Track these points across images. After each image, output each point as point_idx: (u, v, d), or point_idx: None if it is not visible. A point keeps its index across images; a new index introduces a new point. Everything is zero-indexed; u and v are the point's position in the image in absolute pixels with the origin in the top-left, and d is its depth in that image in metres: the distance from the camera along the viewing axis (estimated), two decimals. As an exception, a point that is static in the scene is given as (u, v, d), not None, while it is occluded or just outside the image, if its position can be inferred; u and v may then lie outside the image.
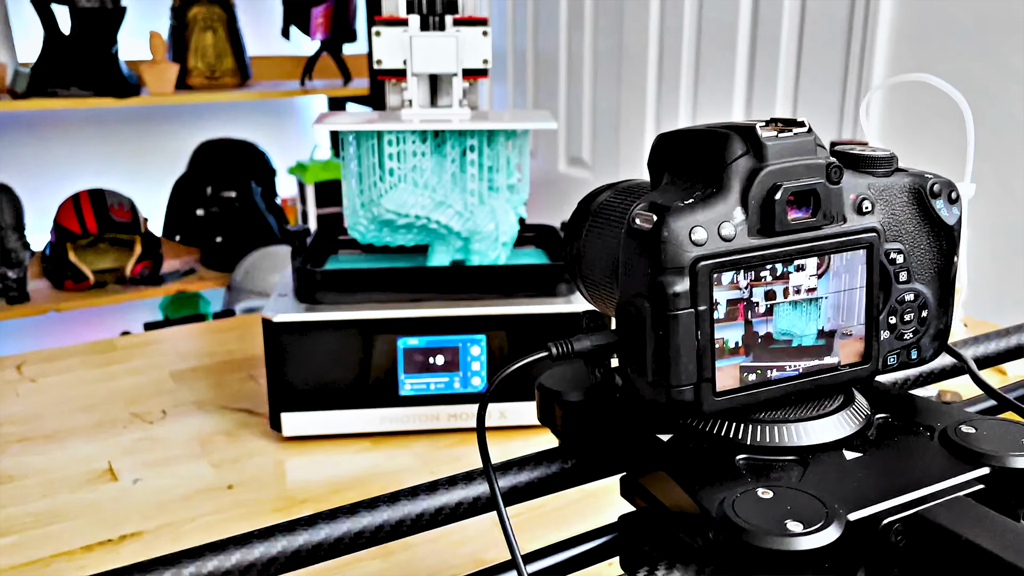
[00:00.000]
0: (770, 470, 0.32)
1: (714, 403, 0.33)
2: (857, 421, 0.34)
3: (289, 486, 0.71)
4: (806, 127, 0.33)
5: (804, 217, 0.33)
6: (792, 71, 1.40)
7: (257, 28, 2.45)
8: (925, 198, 0.35)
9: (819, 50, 1.34)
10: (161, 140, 2.43)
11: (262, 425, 0.80)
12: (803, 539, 0.27)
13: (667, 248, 0.31)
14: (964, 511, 0.29)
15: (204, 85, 2.27)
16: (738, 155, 0.32)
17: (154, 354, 0.98)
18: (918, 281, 0.35)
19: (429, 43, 0.78)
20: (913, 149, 1.18)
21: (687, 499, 0.31)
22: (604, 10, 1.78)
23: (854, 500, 0.30)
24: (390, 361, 0.76)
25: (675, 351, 0.32)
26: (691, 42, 1.59)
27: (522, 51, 2.06)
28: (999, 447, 0.32)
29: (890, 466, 0.32)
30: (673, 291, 0.31)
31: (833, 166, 0.33)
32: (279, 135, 2.59)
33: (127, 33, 2.13)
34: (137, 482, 0.70)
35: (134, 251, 2.19)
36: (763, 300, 0.33)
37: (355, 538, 0.34)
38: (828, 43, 1.32)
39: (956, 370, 0.44)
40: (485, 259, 0.82)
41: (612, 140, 1.82)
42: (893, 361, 0.36)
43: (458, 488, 0.36)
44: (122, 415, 0.82)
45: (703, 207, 0.32)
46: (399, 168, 0.77)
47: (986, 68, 1.10)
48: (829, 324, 0.34)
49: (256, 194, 2.38)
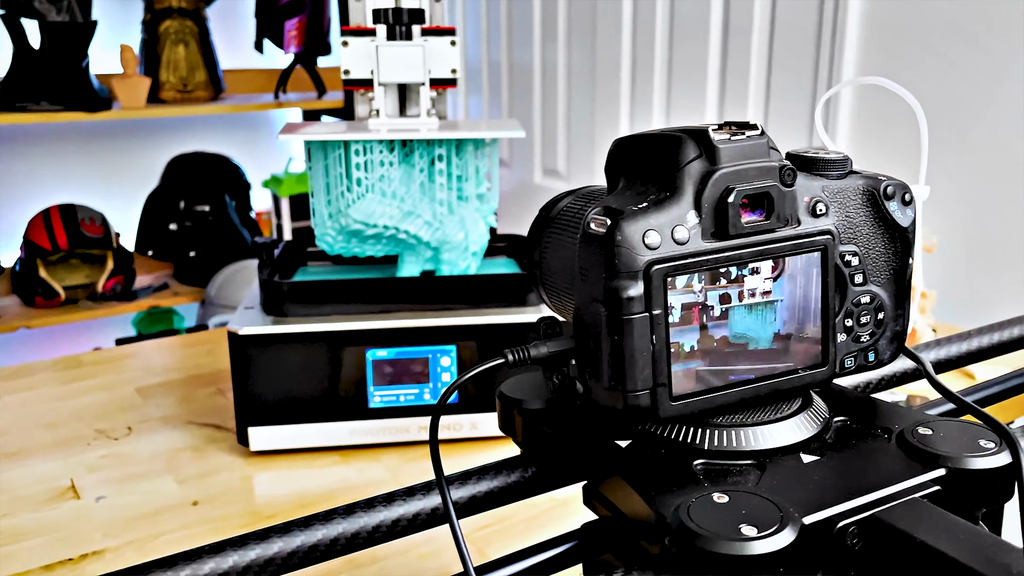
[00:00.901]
0: (727, 475, 0.32)
1: (670, 408, 0.32)
2: (815, 424, 0.34)
3: (256, 501, 0.70)
4: (759, 130, 0.33)
5: (758, 220, 0.33)
6: (763, 80, 1.41)
7: (230, 41, 2.44)
8: (879, 200, 0.35)
9: (789, 61, 1.35)
10: (133, 154, 2.41)
11: (230, 440, 0.79)
12: (757, 543, 0.27)
13: (621, 252, 0.31)
14: (919, 513, 0.29)
15: (176, 99, 2.25)
16: (691, 158, 0.32)
17: (121, 370, 0.97)
18: (874, 283, 0.35)
19: (396, 53, 0.78)
20: (882, 152, 1.20)
21: (644, 506, 0.31)
22: (577, 22, 1.79)
23: (810, 503, 0.29)
24: (359, 373, 0.76)
25: (630, 356, 0.31)
26: (663, 53, 1.60)
27: (497, 62, 2.07)
28: (955, 448, 0.32)
29: (847, 469, 0.32)
30: (627, 295, 0.31)
31: (786, 169, 0.33)
32: (253, 148, 2.58)
33: (98, 47, 2.12)
34: (100, 499, 0.69)
35: (106, 267, 2.16)
36: (718, 304, 0.33)
37: (310, 551, 0.34)
38: (797, 54, 1.33)
39: (917, 374, 0.44)
40: (455, 269, 0.81)
41: (587, 150, 1.82)
42: (850, 364, 0.36)
43: (416, 499, 0.36)
44: (86, 432, 0.81)
45: (656, 211, 0.32)
46: (367, 178, 0.77)
47: (955, 72, 1.12)
48: (785, 327, 0.34)
49: (230, 208, 2.36)
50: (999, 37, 1.07)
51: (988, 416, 0.32)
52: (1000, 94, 1.07)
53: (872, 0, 1.21)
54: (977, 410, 0.33)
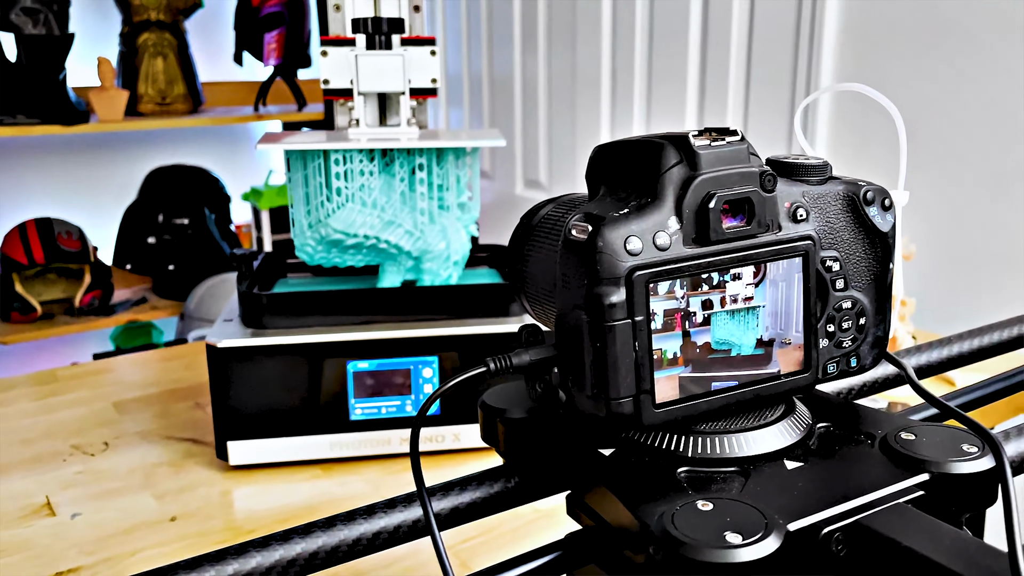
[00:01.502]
0: (711, 482, 0.32)
1: (654, 415, 0.32)
2: (798, 430, 0.34)
3: (236, 516, 0.69)
4: (739, 136, 0.33)
5: (739, 225, 0.33)
6: (742, 88, 1.42)
7: (209, 54, 2.43)
8: (859, 205, 0.35)
9: (768, 69, 1.36)
10: (111, 167, 2.39)
11: (208, 455, 0.77)
12: (742, 551, 0.27)
13: (602, 258, 0.31)
14: (904, 518, 0.29)
15: (155, 112, 2.24)
16: (672, 164, 0.32)
17: (97, 384, 0.95)
18: (855, 288, 0.35)
19: (375, 62, 0.78)
20: (861, 158, 1.20)
21: (628, 515, 0.30)
22: (557, 33, 1.79)
23: (794, 510, 0.29)
24: (340, 385, 0.75)
25: (613, 363, 0.31)
26: (643, 63, 1.61)
27: (477, 74, 2.07)
28: (939, 453, 0.32)
29: (831, 475, 0.32)
30: (609, 301, 0.31)
31: (767, 174, 0.33)
32: (233, 161, 2.57)
33: (75, 60, 2.10)
34: (75, 516, 0.68)
35: (83, 281, 2.14)
36: (700, 310, 0.32)
37: (289, 565, 0.33)
38: (776, 62, 1.34)
39: (899, 380, 0.44)
40: (436, 278, 0.81)
41: (568, 161, 1.83)
42: (833, 369, 0.36)
43: (397, 511, 0.35)
44: (62, 448, 0.79)
45: (638, 217, 0.32)
46: (347, 187, 0.76)
47: (932, 78, 1.13)
48: (767, 333, 0.34)
49: (210, 221, 2.34)
50: (977, 43, 1.08)
51: (971, 420, 0.32)
52: (978, 101, 1.09)
53: (849, 6, 1.22)
54: (960, 414, 0.33)
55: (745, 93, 1.41)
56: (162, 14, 2.21)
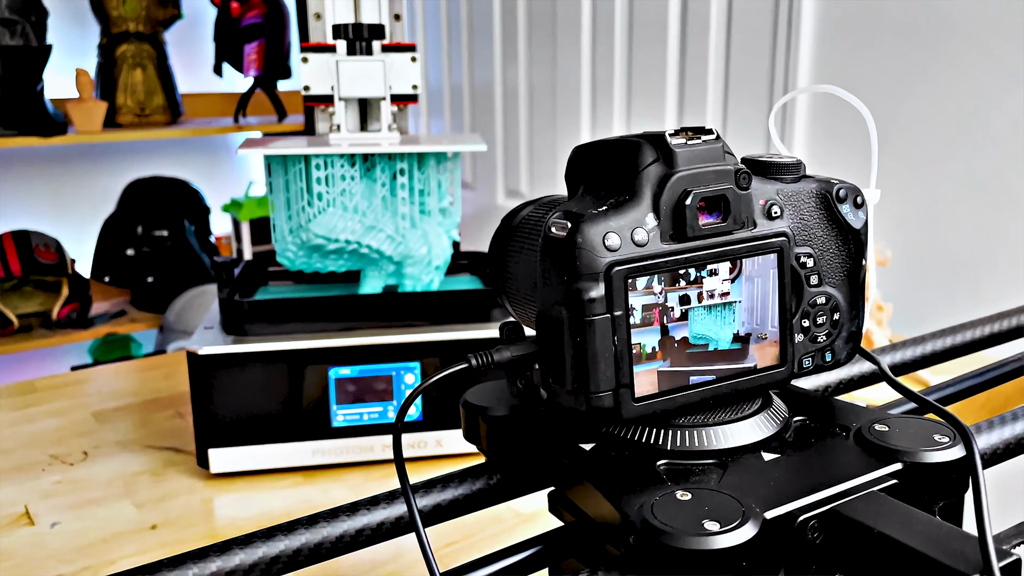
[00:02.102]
0: (690, 474, 0.32)
1: (633, 409, 0.33)
2: (775, 423, 0.35)
3: (217, 524, 0.69)
4: (714, 134, 0.34)
5: (715, 222, 0.33)
6: (720, 92, 1.44)
7: (188, 65, 2.42)
8: (832, 203, 0.36)
9: (745, 74, 1.38)
10: (89, 179, 2.38)
11: (189, 463, 0.77)
12: (720, 538, 0.27)
13: (582, 254, 0.31)
14: (878, 506, 0.29)
15: (134, 123, 2.23)
16: (649, 162, 0.33)
17: (76, 395, 0.95)
18: (828, 284, 0.36)
19: (356, 68, 0.78)
20: (838, 158, 1.22)
21: (609, 507, 0.31)
22: (538, 43, 1.80)
23: (771, 499, 0.30)
24: (321, 392, 0.75)
25: (593, 357, 0.32)
26: (622, 72, 1.62)
27: (458, 84, 2.08)
28: (911, 443, 0.32)
29: (807, 465, 0.32)
30: (589, 296, 0.31)
31: (742, 172, 0.34)
32: (212, 173, 2.56)
33: (53, 71, 2.09)
34: (55, 526, 0.67)
35: (61, 293, 2.12)
36: (678, 305, 0.33)
37: (272, 563, 0.33)
38: (753, 67, 1.36)
39: (874, 377, 0.45)
40: (418, 283, 0.81)
41: (549, 171, 1.84)
42: (808, 364, 0.36)
43: (380, 508, 0.36)
44: (40, 458, 0.79)
45: (616, 214, 0.32)
46: (328, 192, 0.76)
47: (910, 80, 1.15)
48: (744, 328, 0.34)
49: (189, 232, 2.33)
50: (952, 44, 1.10)
51: (944, 410, 0.33)
52: (952, 102, 1.11)
53: (825, 8, 1.24)
54: (933, 404, 0.33)
55: (723, 98, 1.43)
56: (141, 25, 2.21)
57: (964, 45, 1.08)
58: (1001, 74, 1.05)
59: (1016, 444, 0.36)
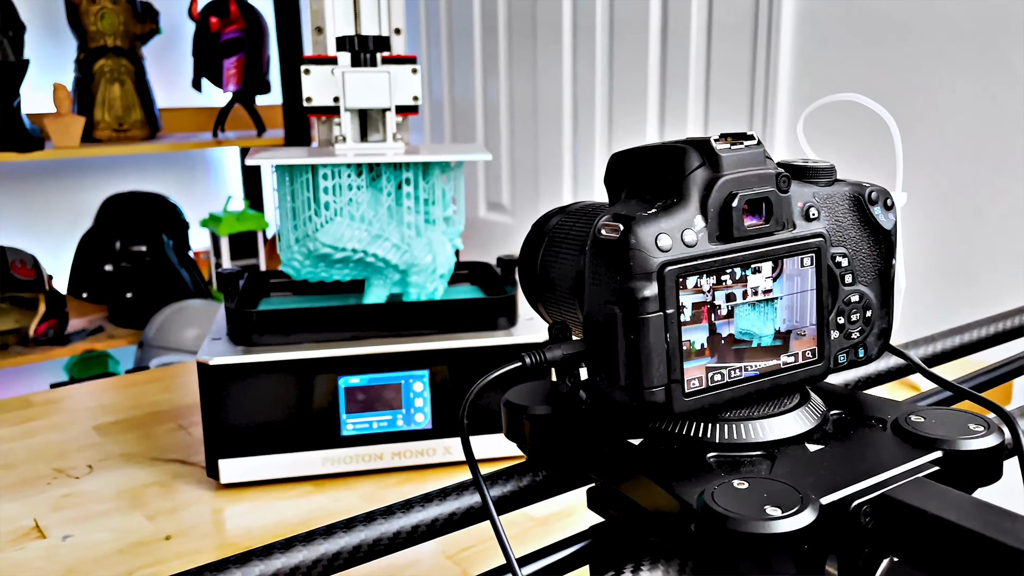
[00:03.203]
0: (740, 465, 0.34)
1: (684, 403, 0.34)
2: (815, 417, 0.36)
3: (232, 534, 0.69)
4: (755, 140, 0.35)
5: (758, 223, 0.35)
6: (701, 107, 1.46)
7: (167, 80, 2.41)
8: (864, 205, 0.37)
9: (726, 92, 1.41)
10: (66, 195, 2.35)
11: (197, 474, 0.77)
12: (782, 522, 0.29)
13: (635, 255, 0.33)
14: (926, 490, 0.31)
15: (112, 138, 2.21)
16: (695, 167, 0.34)
17: (74, 409, 0.94)
18: (861, 283, 0.38)
19: (362, 79, 0.79)
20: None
21: (667, 497, 0.32)
22: (518, 57, 1.82)
23: (824, 486, 0.31)
24: (331, 401, 0.75)
25: (646, 353, 0.33)
26: (604, 84, 1.65)
27: (439, 99, 2.09)
28: (949, 432, 0.34)
29: (851, 455, 0.34)
30: (643, 295, 0.33)
31: (782, 176, 0.35)
32: (191, 187, 2.54)
33: (30, 86, 2.07)
34: (67, 538, 0.67)
35: (38, 310, 2.10)
36: (724, 302, 0.34)
37: (333, 559, 0.34)
38: (734, 81, 1.39)
39: (899, 372, 0.46)
40: (423, 292, 0.82)
41: (531, 184, 1.85)
42: (843, 360, 0.38)
43: (450, 499, 0.36)
44: (45, 471, 0.78)
45: (666, 216, 0.33)
46: (335, 202, 0.77)
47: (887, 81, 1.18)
48: (785, 324, 0.36)
49: (168, 248, 2.31)
50: (928, 45, 1.14)
51: (983, 398, 0.34)
52: (944, 102, 1.14)
53: (802, 27, 1.28)
54: (973, 394, 0.35)
55: (704, 112, 1.46)
56: (119, 40, 2.19)
57: (940, 44, 1.12)
58: (988, 72, 1.08)
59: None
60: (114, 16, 2.18)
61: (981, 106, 1.09)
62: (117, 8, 2.18)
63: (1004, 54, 1.06)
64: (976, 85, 1.09)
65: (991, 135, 1.09)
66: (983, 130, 1.09)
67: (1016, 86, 1.05)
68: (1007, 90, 1.06)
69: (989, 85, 1.08)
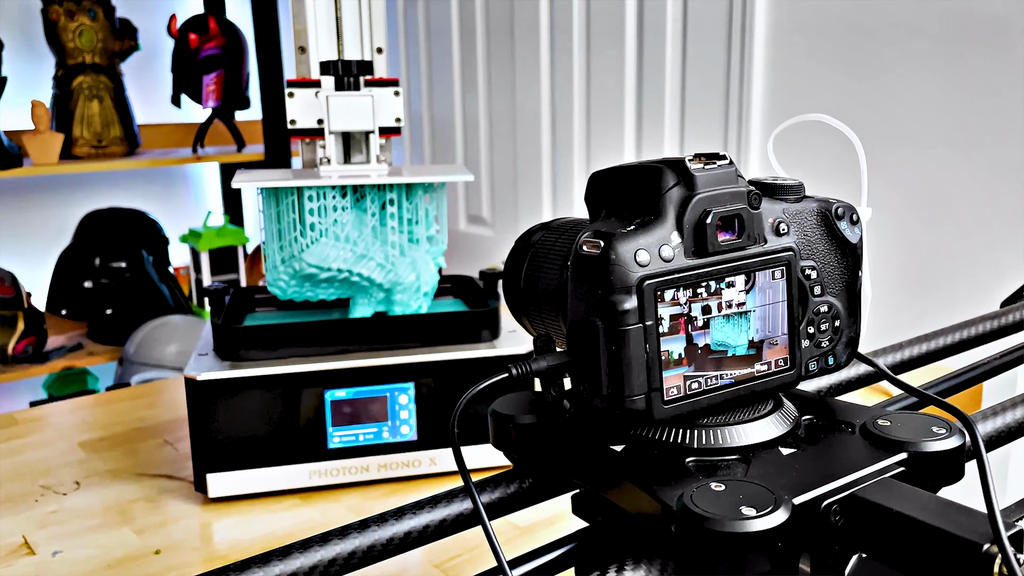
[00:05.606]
0: (717, 468, 0.35)
1: (663, 411, 0.36)
2: (788, 422, 0.38)
3: (221, 547, 0.70)
4: (728, 160, 0.37)
5: (731, 239, 0.37)
6: (677, 119, 1.49)
7: (146, 96, 2.41)
8: (831, 220, 0.39)
9: (701, 104, 1.44)
10: (45, 211, 2.34)
11: (185, 489, 0.78)
12: (757, 522, 0.30)
13: (615, 270, 0.34)
14: (892, 490, 0.33)
15: (91, 154, 2.21)
16: (671, 185, 0.36)
17: (59, 426, 0.94)
18: (830, 294, 0.40)
19: (345, 103, 0.81)
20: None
21: (648, 500, 0.33)
22: (497, 73, 1.85)
23: (796, 487, 0.33)
24: (317, 414, 0.76)
25: (627, 363, 0.35)
26: (581, 100, 1.67)
27: (418, 115, 2.11)
28: (913, 435, 0.36)
29: (822, 458, 0.36)
30: (623, 308, 0.34)
31: (753, 193, 0.37)
32: (171, 203, 2.54)
33: (8, 103, 2.07)
34: (57, 554, 0.67)
35: (16, 328, 2.08)
36: (700, 314, 0.36)
37: (329, 565, 0.35)
38: (709, 97, 1.42)
39: (867, 379, 0.48)
40: (407, 309, 0.83)
41: (511, 198, 1.87)
42: (814, 367, 0.40)
43: (441, 507, 0.38)
44: (32, 488, 0.79)
45: (644, 232, 0.35)
46: (320, 223, 0.78)
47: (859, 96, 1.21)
48: (758, 334, 0.38)
49: (148, 263, 2.31)
50: (900, 53, 1.17)
51: (945, 403, 0.36)
52: (912, 116, 1.17)
53: (776, 36, 1.31)
54: (935, 398, 0.37)
55: (680, 124, 1.48)
56: (97, 57, 2.20)
57: (917, 59, 1.15)
58: (955, 82, 1.12)
59: (1008, 431, 0.40)
60: (92, 33, 2.18)
61: (947, 118, 1.12)
62: (96, 25, 2.18)
63: (971, 64, 1.09)
64: (943, 95, 1.12)
65: (956, 145, 1.12)
66: (948, 140, 1.13)
67: (981, 97, 1.09)
68: (973, 100, 1.10)
69: (955, 95, 1.11)
